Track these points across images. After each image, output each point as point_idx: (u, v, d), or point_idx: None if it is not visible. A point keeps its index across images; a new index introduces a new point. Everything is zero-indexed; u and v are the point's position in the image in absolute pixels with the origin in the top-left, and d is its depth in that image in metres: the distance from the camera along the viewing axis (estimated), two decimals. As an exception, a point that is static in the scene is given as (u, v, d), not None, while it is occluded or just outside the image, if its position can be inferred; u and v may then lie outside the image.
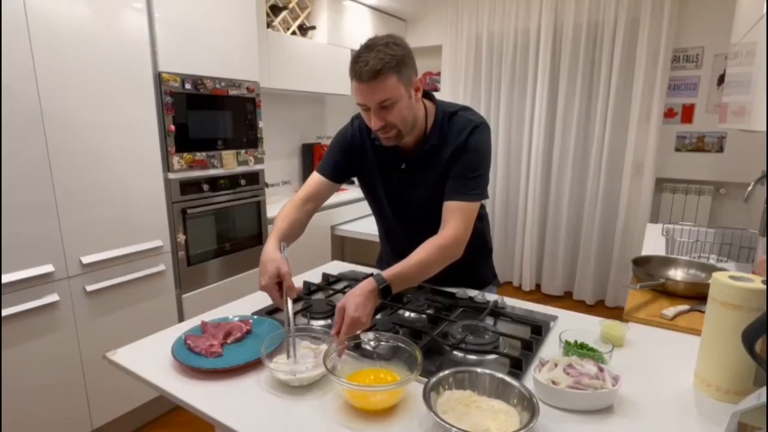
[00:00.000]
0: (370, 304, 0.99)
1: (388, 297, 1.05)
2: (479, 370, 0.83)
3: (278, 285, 1.06)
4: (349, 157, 1.34)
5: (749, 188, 1.77)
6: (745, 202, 1.83)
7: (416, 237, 1.32)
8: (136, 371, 0.93)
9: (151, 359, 0.97)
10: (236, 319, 1.11)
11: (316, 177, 1.36)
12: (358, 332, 0.96)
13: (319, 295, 1.31)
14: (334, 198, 1.43)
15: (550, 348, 1.02)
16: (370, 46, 1.06)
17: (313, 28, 3.20)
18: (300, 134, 3.54)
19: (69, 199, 1.67)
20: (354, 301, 0.96)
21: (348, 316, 0.94)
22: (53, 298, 1.65)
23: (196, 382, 0.89)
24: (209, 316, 1.15)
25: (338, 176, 1.35)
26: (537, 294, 3.71)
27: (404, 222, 1.35)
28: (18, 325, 1.58)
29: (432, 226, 1.28)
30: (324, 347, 0.93)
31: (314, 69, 3.08)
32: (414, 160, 1.25)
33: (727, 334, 0.81)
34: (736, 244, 1.86)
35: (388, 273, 1.04)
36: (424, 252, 1.10)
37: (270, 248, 1.12)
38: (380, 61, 1.03)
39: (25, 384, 1.62)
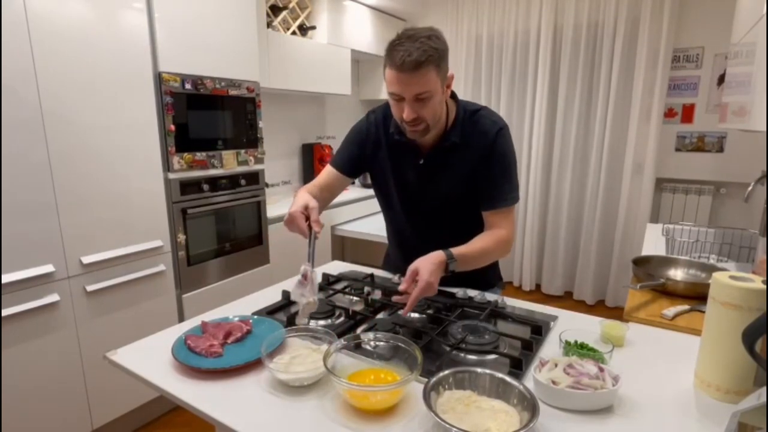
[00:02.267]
0: (440, 274, 1.02)
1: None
2: (479, 370, 0.83)
3: (305, 219, 1.09)
4: (364, 151, 1.32)
5: (749, 188, 1.77)
6: (745, 202, 1.83)
7: (425, 235, 1.31)
8: (136, 371, 0.93)
9: (151, 359, 0.97)
10: (236, 319, 1.11)
11: (329, 170, 1.34)
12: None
13: (320, 295, 1.31)
14: (335, 198, 1.42)
15: (550, 348, 1.02)
16: (412, 36, 1.03)
17: (313, 28, 3.20)
18: (300, 134, 3.54)
19: (69, 199, 1.67)
20: (428, 267, 0.98)
21: (423, 279, 0.96)
22: (53, 298, 1.65)
23: (196, 382, 0.89)
24: (209, 316, 1.15)
25: (352, 170, 1.34)
26: (537, 294, 3.71)
27: (414, 219, 1.34)
28: (18, 325, 1.58)
29: (442, 225, 1.28)
30: (324, 347, 0.93)
31: (314, 69, 3.07)
32: (433, 156, 1.24)
33: (727, 334, 0.81)
34: (736, 244, 1.86)
35: (454, 251, 1.07)
36: (484, 241, 1.14)
37: (301, 191, 1.18)
38: (424, 53, 1.01)
39: (25, 384, 1.62)
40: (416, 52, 1.01)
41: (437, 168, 1.24)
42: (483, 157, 1.19)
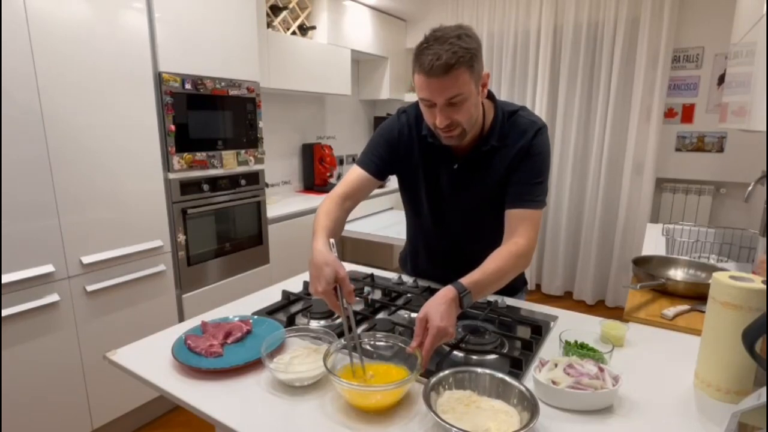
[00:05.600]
0: (454, 313, 0.92)
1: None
2: (479, 370, 0.83)
3: (334, 290, 0.94)
4: (395, 152, 1.24)
5: (749, 188, 1.77)
6: (745, 202, 1.83)
7: (452, 240, 1.28)
8: (136, 371, 0.93)
9: (151, 359, 0.97)
10: (236, 319, 1.11)
11: (357, 171, 1.24)
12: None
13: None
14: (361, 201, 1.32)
15: (550, 348, 1.02)
16: (440, 38, 0.96)
17: (313, 28, 3.20)
18: (300, 134, 3.54)
19: (69, 199, 1.67)
20: (437, 310, 0.88)
21: (434, 326, 0.86)
22: (53, 298, 1.65)
23: (196, 382, 0.89)
24: (209, 316, 1.15)
25: (382, 172, 1.25)
26: (537, 294, 3.72)
27: (442, 224, 1.28)
28: (18, 325, 1.58)
29: (471, 230, 1.24)
30: (324, 347, 0.93)
31: (314, 69, 3.08)
32: (469, 160, 1.17)
33: (727, 334, 0.81)
34: (736, 244, 1.86)
35: (466, 281, 0.97)
36: (500, 260, 1.04)
37: (322, 248, 0.98)
38: (454, 55, 0.94)
39: (25, 384, 1.62)
40: (445, 55, 0.94)
41: (473, 173, 1.18)
42: (519, 156, 1.13)
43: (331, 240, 1.04)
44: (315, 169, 3.47)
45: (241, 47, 2.28)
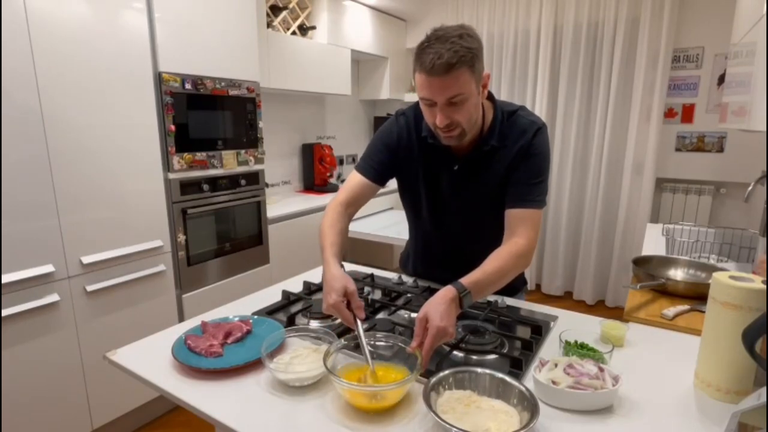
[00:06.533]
0: (454, 313, 0.92)
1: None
2: (479, 370, 0.83)
3: (347, 304, 0.96)
4: (394, 156, 1.24)
5: (749, 188, 1.77)
6: (745, 202, 1.83)
7: (452, 242, 1.28)
8: (136, 371, 0.93)
9: (151, 359, 0.97)
10: (236, 319, 1.11)
11: (357, 178, 1.24)
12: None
13: (319, 296, 1.31)
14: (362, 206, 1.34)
15: (550, 348, 1.02)
16: (441, 37, 0.96)
17: (313, 28, 3.20)
18: (300, 134, 3.54)
19: (69, 199, 1.67)
20: (437, 310, 0.89)
21: (433, 326, 0.86)
22: (53, 298, 1.65)
23: (196, 382, 0.89)
24: (209, 316, 1.15)
25: (382, 177, 1.25)
26: (537, 294, 3.71)
27: (442, 226, 1.29)
28: (18, 325, 1.58)
29: (470, 231, 1.24)
30: (324, 347, 0.93)
31: (314, 69, 3.08)
32: (469, 161, 1.17)
33: (727, 334, 0.81)
34: (736, 244, 1.86)
35: (466, 281, 0.97)
36: (500, 260, 1.04)
37: (332, 264, 1.03)
38: (455, 54, 0.94)
39: (25, 384, 1.62)
40: (447, 54, 0.94)
41: (474, 173, 1.18)
42: (519, 156, 1.13)
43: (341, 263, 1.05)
44: (315, 169, 3.47)
45: (241, 47, 2.28)
